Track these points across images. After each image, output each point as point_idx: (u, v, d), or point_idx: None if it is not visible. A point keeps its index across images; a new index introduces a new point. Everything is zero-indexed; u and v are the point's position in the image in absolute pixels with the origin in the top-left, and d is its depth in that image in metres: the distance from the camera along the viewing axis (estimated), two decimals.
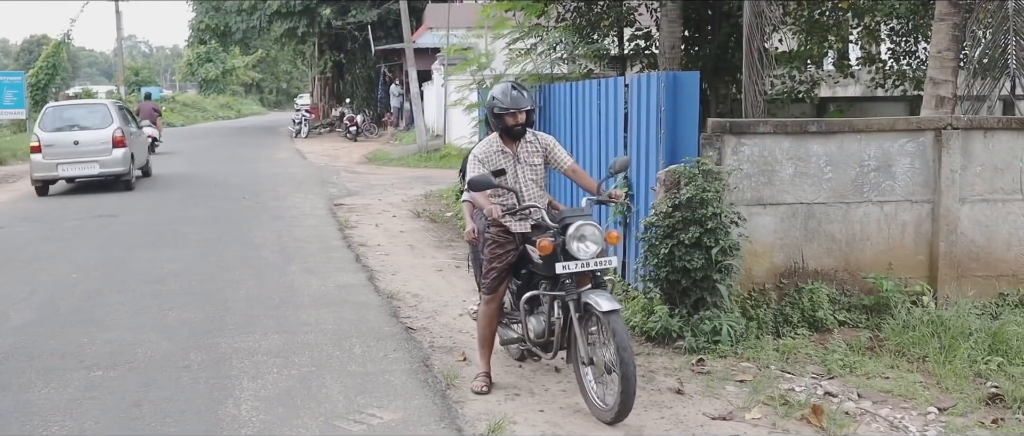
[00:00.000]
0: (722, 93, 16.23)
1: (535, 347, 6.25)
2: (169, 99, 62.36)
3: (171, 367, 6.66)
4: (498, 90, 6.30)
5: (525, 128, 6.25)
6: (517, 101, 6.15)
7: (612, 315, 5.49)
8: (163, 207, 15.98)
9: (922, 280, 7.87)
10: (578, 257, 5.74)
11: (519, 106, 6.14)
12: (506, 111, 6.13)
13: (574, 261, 5.72)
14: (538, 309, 6.17)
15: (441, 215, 14.74)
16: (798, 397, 6.04)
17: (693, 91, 7.86)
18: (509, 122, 6.16)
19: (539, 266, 5.96)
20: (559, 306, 5.91)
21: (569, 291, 5.76)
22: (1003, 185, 8.04)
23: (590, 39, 15.60)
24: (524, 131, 6.25)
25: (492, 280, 6.23)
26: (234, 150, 31.43)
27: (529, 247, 6.08)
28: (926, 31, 14.83)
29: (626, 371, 5.30)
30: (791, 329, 7.33)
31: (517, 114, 6.14)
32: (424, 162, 25.32)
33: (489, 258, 6.22)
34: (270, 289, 9.23)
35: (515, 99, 6.15)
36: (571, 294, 5.74)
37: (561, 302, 5.88)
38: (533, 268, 6.11)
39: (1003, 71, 10.24)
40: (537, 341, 6.14)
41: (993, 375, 6.40)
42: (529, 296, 6.10)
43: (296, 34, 43.66)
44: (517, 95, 6.18)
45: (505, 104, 6.14)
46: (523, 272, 6.28)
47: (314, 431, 5.42)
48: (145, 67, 77.85)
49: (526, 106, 6.18)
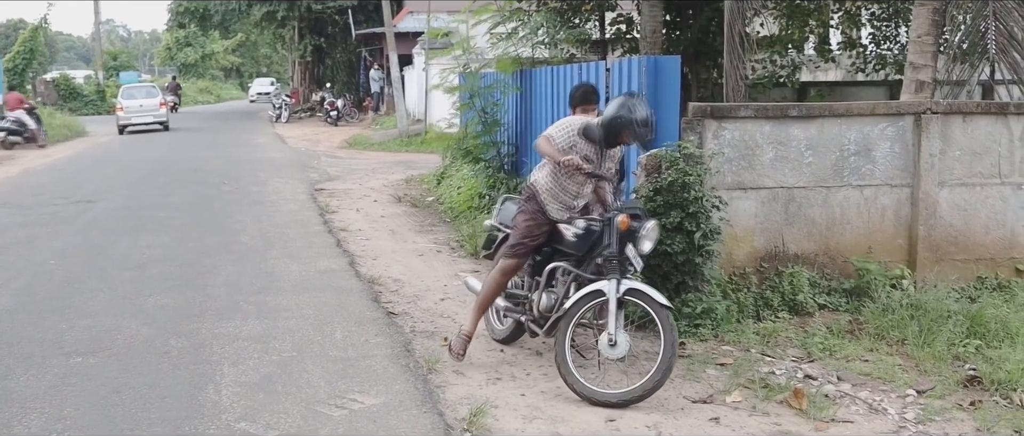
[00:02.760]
0: (703, 78, 16.26)
1: (534, 323, 6.35)
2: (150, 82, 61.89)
3: (151, 353, 6.62)
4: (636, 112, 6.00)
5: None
6: (642, 137, 6.13)
7: (668, 311, 5.71)
8: (142, 193, 15.88)
9: (901, 264, 7.92)
10: (642, 251, 5.94)
11: (642, 140, 6.20)
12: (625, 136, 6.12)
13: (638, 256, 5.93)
14: (551, 287, 6.30)
15: (422, 200, 14.71)
16: (778, 380, 6.07)
17: (674, 75, 7.87)
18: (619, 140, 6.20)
19: (571, 244, 6.14)
20: (575, 286, 6.10)
21: (611, 273, 5.84)
22: (982, 169, 8.08)
23: (572, 23, 15.60)
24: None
25: (518, 250, 6.35)
26: (214, 135, 31.29)
27: (563, 226, 6.22)
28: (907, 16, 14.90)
29: (670, 364, 5.57)
30: (772, 313, 7.36)
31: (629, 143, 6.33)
32: (405, 146, 25.25)
33: (522, 232, 6.33)
34: (251, 275, 9.19)
35: (641, 135, 6.08)
36: (614, 276, 5.82)
37: (577, 282, 6.10)
38: (560, 246, 6.26)
39: (982, 56, 10.28)
40: (545, 315, 6.24)
41: (971, 358, 6.45)
42: (551, 268, 6.27)
43: (276, 18, 43.45)
44: (644, 133, 6.05)
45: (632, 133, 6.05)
46: (544, 250, 6.39)
47: (295, 416, 5.41)
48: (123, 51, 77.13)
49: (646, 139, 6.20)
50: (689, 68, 15.16)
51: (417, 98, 30.37)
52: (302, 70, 50.18)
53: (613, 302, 5.74)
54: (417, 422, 5.33)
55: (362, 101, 41.22)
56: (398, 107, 28.61)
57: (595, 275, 6.05)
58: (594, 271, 6.09)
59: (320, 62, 48.14)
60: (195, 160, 21.78)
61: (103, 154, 24.33)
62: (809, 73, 20.25)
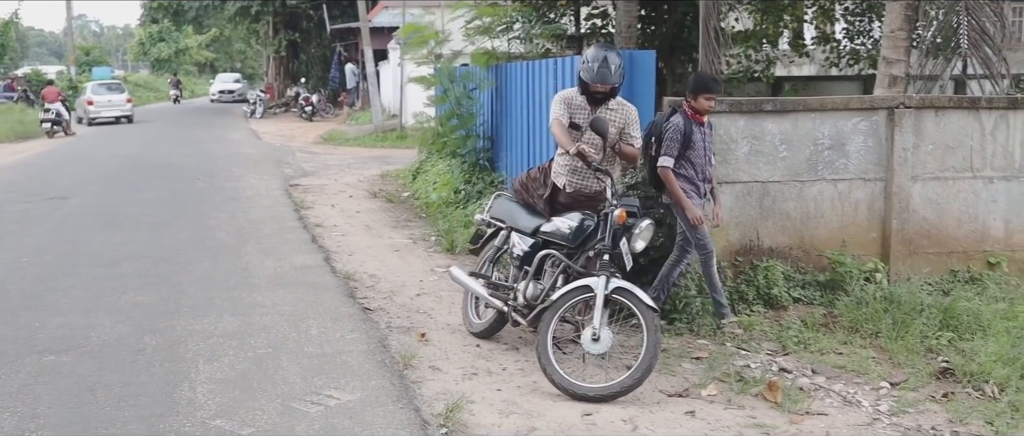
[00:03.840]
0: (678, 72, 16.29)
1: (517, 312, 6.41)
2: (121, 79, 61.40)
3: (125, 351, 6.57)
4: (590, 55, 6.52)
5: (610, 97, 6.56)
6: (603, 78, 6.41)
7: (653, 313, 5.76)
8: (115, 189, 15.76)
9: (875, 257, 7.97)
10: (635, 249, 6.05)
11: (604, 82, 6.43)
12: (591, 83, 6.44)
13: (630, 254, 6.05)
14: (539, 278, 6.37)
15: (398, 195, 14.68)
16: (753, 373, 6.11)
17: (649, 70, 7.87)
18: (591, 90, 6.49)
19: (564, 236, 6.25)
20: (563, 278, 6.22)
21: (604, 270, 5.89)
22: (954, 163, 8.15)
23: (547, 18, 15.60)
24: (607, 100, 6.55)
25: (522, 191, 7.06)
26: (188, 131, 31.11)
27: (558, 219, 6.41)
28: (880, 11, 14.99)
29: (651, 364, 5.62)
30: (747, 306, 7.40)
31: (602, 89, 6.47)
32: (380, 142, 25.19)
33: (525, 185, 6.92)
34: (225, 271, 9.14)
35: (601, 75, 6.41)
36: (603, 272, 5.87)
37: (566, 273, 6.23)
38: (551, 238, 6.36)
39: (955, 51, 10.34)
40: (530, 304, 6.29)
41: (944, 350, 6.51)
42: (542, 255, 6.35)
43: (250, 13, 43.25)
44: (604, 72, 6.39)
45: (590, 76, 6.43)
46: (540, 238, 6.46)
47: (271, 413, 5.38)
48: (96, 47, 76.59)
49: (611, 84, 6.45)
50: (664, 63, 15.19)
51: (392, 93, 30.29)
52: (276, 65, 49.91)
53: (600, 299, 5.77)
54: (393, 418, 5.32)
55: (337, 96, 41.07)
56: (373, 102, 28.54)
57: (585, 268, 6.12)
58: (584, 264, 6.17)
59: (295, 57, 47.93)
60: (169, 156, 21.64)
61: (76, 150, 24.14)
62: (783, 68, 20.35)
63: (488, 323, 6.82)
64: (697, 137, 6.88)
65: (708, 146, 6.99)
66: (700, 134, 6.91)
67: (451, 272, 7.24)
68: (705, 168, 7.00)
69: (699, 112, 6.92)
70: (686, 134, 6.84)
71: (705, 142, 6.95)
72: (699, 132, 6.91)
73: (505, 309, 6.51)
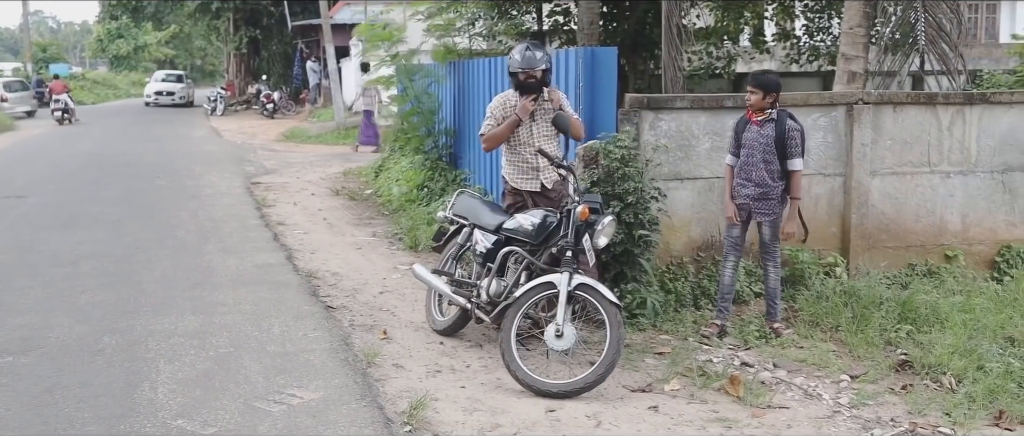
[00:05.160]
0: (640, 69, 16.39)
1: (480, 309, 6.43)
2: (79, 76, 60.59)
3: (84, 351, 6.50)
4: (516, 50, 6.80)
5: (541, 85, 6.73)
6: (530, 62, 6.66)
7: (616, 309, 5.78)
8: (74, 187, 15.56)
9: (835, 252, 8.06)
10: (597, 245, 6.08)
11: (532, 66, 6.65)
12: (520, 70, 6.66)
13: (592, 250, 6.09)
14: (502, 274, 6.40)
15: (360, 193, 14.63)
16: (716, 368, 6.15)
17: (611, 67, 7.89)
18: (521, 79, 6.67)
19: (527, 233, 6.27)
20: (527, 275, 6.24)
21: (567, 267, 5.91)
22: (912, 158, 8.25)
23: (509, 15, 15.60)
24: (540, 88, 6.73)
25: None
26: (147, 128, 30.77)
27: (521, 216, 6.45)
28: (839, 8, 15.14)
29: (614, 360, 5.64)
30: (709, 301, 7.44)
31: (531, 72, 6.64)
32: (343, 139, 25.08)
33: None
34: (186, 270, 9.06)
35: (528, 59, 6.66)
36: (566, 268, 5.89)
37: (529, 269, 6.25)
38: (514, 234, 6.37)
39: (912, 47, 10.49)
40: (493, 301, 6.31)
41: (902, 343, 6.60)
42: (505, 251, 6.36)
43: (210, 9, 42.84)
44: (530, 55, 6.66)
45: (517, 65, 6.66)
46: (503, 235, 6.47)
47: (233, 413, 5.34)
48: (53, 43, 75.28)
49: (540, 66, 6.65)
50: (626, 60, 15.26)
51: (355, 90, 30.14)
52: (237, 62, 49.49)
53: (564, 295, 5.78)
54: (357, 416, 5.31)
55: (298, 93, 40.82)
56: (335, 99, 28.41)
57: (548, 265, 6.13)
58: (548, 260, 6.17)
59: (256, 54, 47.56)
60: (128, 154, 21.40)
61: (33, 148, 23.78)
62: (744, 64, 20.49)
63: (451, 320, 6.81)
64: (749, 135, 6.84)
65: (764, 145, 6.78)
66: (752, 133, 6.83)
67: (414, 270, 7.22)
68: (751, 170, 6.82)
69: (753, 109, 6.85)
70: (737, 132, 6.93)
71: (759, 141, 6.79)
72: (751, 130, 6.84)
73: (468, 306, 6.52)
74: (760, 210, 6.84)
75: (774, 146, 6.71)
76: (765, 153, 6.75)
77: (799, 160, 6.73)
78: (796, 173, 6.75)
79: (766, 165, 6.75)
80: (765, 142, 6.74)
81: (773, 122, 6.75)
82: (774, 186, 6.76)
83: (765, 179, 6.76)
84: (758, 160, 6.77)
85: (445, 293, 6.77)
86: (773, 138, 6.71)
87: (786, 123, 6.72)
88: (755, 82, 6.81)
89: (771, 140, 6.72)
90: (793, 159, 6.72)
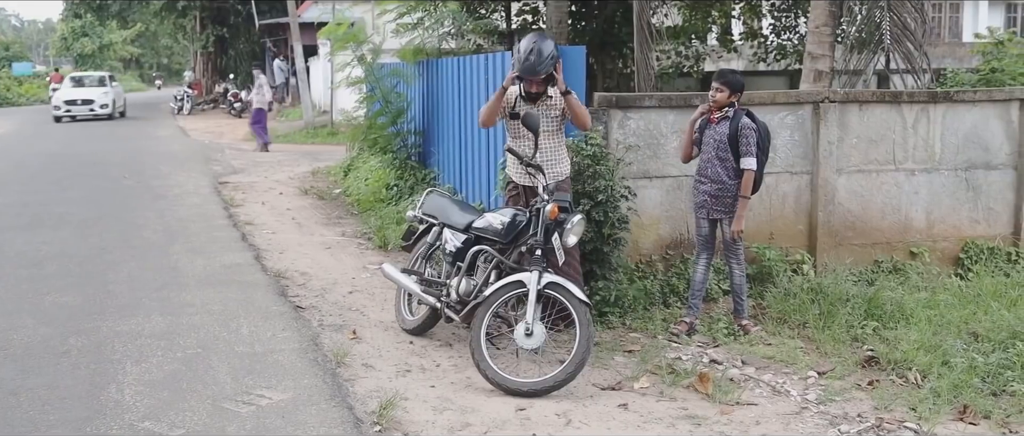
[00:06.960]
0: (609, 68, 16.43)
1: (450, 308, 6.42)
2: (42, 75, 59.86)
3: (49, 353, 6.43)
4: (523, 45, 6.37)
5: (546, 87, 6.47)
6: (532, 69, 6.28)
7: (586, 307, 5.78)
8: (38, 187, 15.38)
9: (802, 249, 8.12)
10: (567, 244, 6.03)
11: (534, 75, 6.32)
12: (521, 76, 6.36)
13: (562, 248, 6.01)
14: (472, 273, 6.37)
15: (329, 192, 14.56)
16: (685, 365, 6.19)
17: (580, 66, 7.89)
18: (526, 89, 6.44)
19: (497, 232, 6.24)
20: (496, 274, 6.22)
21: (536, 265, 5.90)
22: (877, 156, 8.33)
23: (478, 14, 15.58)
24: (544, 91, 6.49)
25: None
26: (112, 128, 30.46)
27: (490, 214, 6.44)
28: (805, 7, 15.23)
29: (584, 358, 5.64)
30: (678, 299, 7.48)
31: (532, 81, 6.39)
32: (311, 138, 24.97)
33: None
34: (153, 270, 8.99)
35: (530, 67, 6.28)
36: (536, 267, 5.88)
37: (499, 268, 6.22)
38: (484, 233, 6.35)
39: (878, 46, 10.59)
40: (463, 300, 6.28)
41: (869, 339, 6.66)
42: (475, 251, 6.33)
43: (176, 7, 42.49)
44: (534, 62, 6.26)
45: (520, 70, 6.32)
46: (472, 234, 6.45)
47: (201, 414, 5.31)
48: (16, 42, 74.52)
49: (541, 75, 6.32)
50: (595, 59, 15.30)
51: (323, 89, 29.99)
52: (204, 61, 49.07)
53: (533, 294, 5.78)
54: (326, 416, 5.29)
55: None
56: (303, 98, 28.27)
57: (517, 264, 6.13)
58: (517, 259, 6.17)
59: (223, 53, 47.19)
60: (94, 154, 21.18)
61: None
62: (712, 63, 20.60)
63: (421, 320, 6.80)
64: (707, 133, 6.87)
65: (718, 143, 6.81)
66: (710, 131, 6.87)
67: (384, 269, 7.20)
68: (708, 167, 6.86)
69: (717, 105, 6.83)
70: (700, 130, 6.93)
71: (714, 138, 6.82)
72: (710, 128, 6.87)
73: (438, 305, 6.51)
74: (717, 208, 6.87)
75: (728, 144, 6.74)
76: (719, 150, 6.78)
77: (751, 159, 6.71)
78: (747, 171, 6.75)
79: (721, 163, 6.78)
80: (719, 139, 6.77)
81: (728, 120, 6.78)
82: (730, 184, 6.78)
83: (721, 176, 6.79)
84: (713, 157, 6.82)
85: (415, 292, 6.76)
86: (727, 136, 6.74)
87: (740, 121, 6.73)
88: (723, 79, 6.82)
89: (725, 137, 6.75)
90: (745, 157, 6.73)
